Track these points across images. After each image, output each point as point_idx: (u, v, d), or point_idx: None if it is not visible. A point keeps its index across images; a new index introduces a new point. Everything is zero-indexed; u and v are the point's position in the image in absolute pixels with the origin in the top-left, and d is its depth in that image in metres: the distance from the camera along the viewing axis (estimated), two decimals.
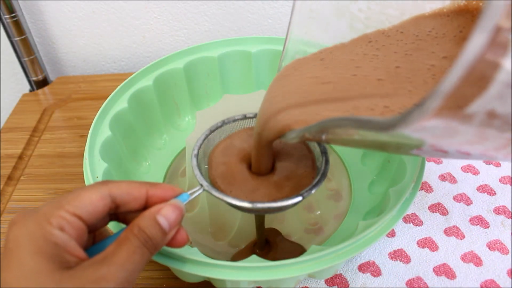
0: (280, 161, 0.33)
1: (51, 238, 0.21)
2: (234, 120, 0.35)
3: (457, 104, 0.15)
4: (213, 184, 0.31)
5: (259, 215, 0.33)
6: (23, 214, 0.23)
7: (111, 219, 0.26)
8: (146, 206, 0.26)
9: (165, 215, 0.24)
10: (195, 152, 0.31)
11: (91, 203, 0.23)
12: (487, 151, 0.20)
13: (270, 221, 0.39)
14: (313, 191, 0.28)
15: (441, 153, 0.21)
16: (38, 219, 0.22)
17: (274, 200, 0.28)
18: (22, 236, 0.21)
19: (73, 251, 0.22)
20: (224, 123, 0.34)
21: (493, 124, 0.16)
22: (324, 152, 0.31)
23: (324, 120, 0.22)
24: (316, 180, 0.29)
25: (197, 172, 0.30)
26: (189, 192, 0.27)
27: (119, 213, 0.26)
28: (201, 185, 0.29)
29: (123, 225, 0.27)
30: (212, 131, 0.34)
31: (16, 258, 0.21)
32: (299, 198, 0.28)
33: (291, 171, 0.32)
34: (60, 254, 0.21)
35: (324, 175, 0.29)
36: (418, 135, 0.18)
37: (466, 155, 0.21)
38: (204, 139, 0.33)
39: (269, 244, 0.38)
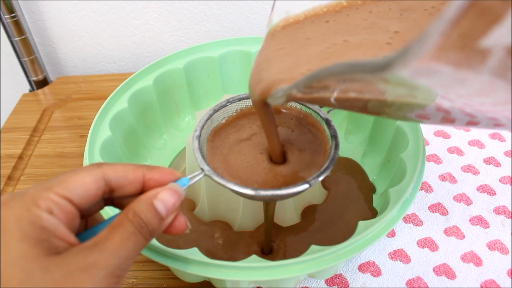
0: (293, 151, 0.31)
1: (38, 222, 0.20)
2: (240, 99, 0.32)
3: (469, 36, 0.13)
4: (215, 170, 0.29)
5: (268, 210, 0.32)
6: (11, 195, 0.21)
7: (106, 204, 0.25)
8: (143, 191, 0.24)
9: (162, 199, 0.23)
10: (197, 133, 0.29)
11: (83, 185, 0.22)
12: (495, 107, 0.17)
13: None
14: (320, 178, 0.27)
15: (444, 115, 0.19)
16: (25, 201, 0.21)
17: (279, 188, 0.26)
18: (8, 219, 0.20)
19: (62, 236, 0.21)
20: (229, 102, 0.32)
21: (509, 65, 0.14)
22: (334, 136, 0.29)
23: (314, 72, 0.19)
24: (324, 166, 0.27)
25: (198, 155, 0.28)
26: (189, 176, 0.26)
27: (115, 197, 0.24)
28: (202, 170, 0.27)
29: (119, 211, 0.25)
30: (216, 110, 0.31)
31: (2, 242, 0.20)
32: (306, 186, 0.26)
33: (303, 160, 0.30)
34: (48, 239, 0.20)
35: (332, 161, 0.27)
36: (422, 80, 0.15)
37: (470, 117, 0.18)
38: (207, 119, 0.31)
39: (273, 248, 0.37)
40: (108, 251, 0.20)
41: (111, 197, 0.24)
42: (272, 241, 0.38)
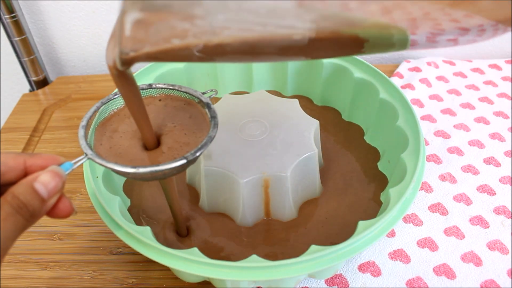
0: (172, 133, 0.32)
1: None
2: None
3: None
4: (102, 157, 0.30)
5: (167, 192, 0.33)
6: None
7: None
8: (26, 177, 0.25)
9: (43, 181, 0.23)
10: (83, 123, 0.31)
11: None
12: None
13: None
14: (198, 154, 0.28)
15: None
16: None
17: (157, 164, 0.28)
18: None
19: None
20: (116, 95, 0.33)
21: None
22: (213, 117, 0.31)
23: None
24: (202, 143, 0.29)
25: (82, 142, 0.29)
26: (73, 161, 0.26)
27: None
28: (86, 154, 0.28)
29: None
30: (104, 103, 0.33)
31: None
32: (183, 161, 0.28)
33: (182, 140, 0.31)
34: None
35: (210, 138, 0.30)
36: None
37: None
38: (95, 111, 0.32)
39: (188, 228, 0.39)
40: None
41: None
42: (186, 221, 0.39)
